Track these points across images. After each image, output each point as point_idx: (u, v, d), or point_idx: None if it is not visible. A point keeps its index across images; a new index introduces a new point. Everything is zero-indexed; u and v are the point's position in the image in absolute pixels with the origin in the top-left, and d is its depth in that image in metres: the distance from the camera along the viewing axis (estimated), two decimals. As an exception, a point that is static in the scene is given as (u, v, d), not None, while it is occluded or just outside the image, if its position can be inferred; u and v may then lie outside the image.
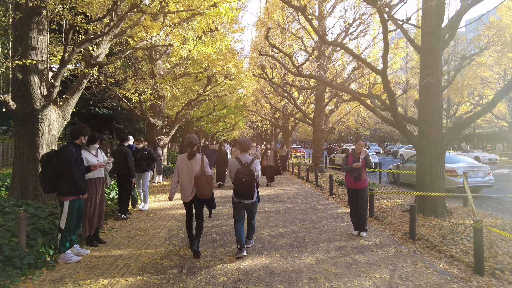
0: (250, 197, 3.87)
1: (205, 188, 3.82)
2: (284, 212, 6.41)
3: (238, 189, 3.82)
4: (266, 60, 11.56)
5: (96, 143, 4.25)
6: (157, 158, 10.44)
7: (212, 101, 20.32)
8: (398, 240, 4.66)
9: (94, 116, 23.06)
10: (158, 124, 13.70)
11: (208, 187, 3.85)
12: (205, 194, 3.83)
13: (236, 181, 3.81)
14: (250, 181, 3.78)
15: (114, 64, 11.45)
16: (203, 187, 3.80)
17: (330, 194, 8.48)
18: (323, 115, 14.28)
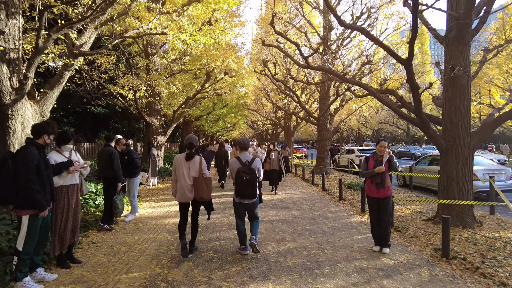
0: (252, 197, 3.78)
1: (204, 191, 3.72)
2: (291, 221, 5.68)
3: (240, 189, 3.72)
4: (268, 55, 10.83)
5: (69, 143, 3.53)
6: (151, 159, 9.75)
7: (212, 99, 19.64)
8: (429, 259, 3.93)
9: (90, 115, 22.37)
10: (154, 123, 12.99)
11: (207, 190, 3.75)
12: (204, 197, 3.74)
13: (238, 181, 3.72)
14: (252, 180, 3.70)
15: (108, 60, 10.79)
16: (202, 190, 3.71)
17: (339, 199, 7.75)
18: (328, 114, 13.55)
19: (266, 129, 32.30)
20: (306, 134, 64.63)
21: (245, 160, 3.85)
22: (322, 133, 13.53)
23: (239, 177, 3.72)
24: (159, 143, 13.23)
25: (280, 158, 7.77)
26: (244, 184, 3.69)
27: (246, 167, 3.77)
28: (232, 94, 16.07)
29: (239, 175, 3.72)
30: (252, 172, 3.74)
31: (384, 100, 5.97)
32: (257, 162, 3.93)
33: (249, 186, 3.70)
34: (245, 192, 3.73)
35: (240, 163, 3.84)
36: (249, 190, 3.73)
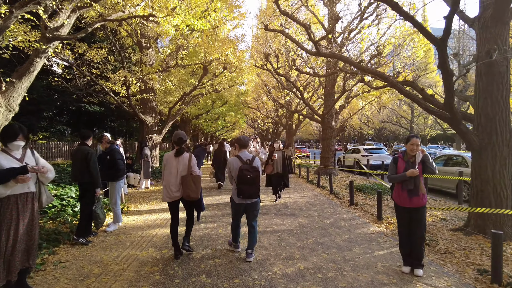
0: (255, 196, 3.65)
1: (191, 189, 3.58)
2: (299, 232, 4.90)
3: (243, 188, 3.54)
4: (270, 47, 10.04)
5: (17, 139, 2.74)
6: (144, 159, 8.97)
7: (210, 97, 18.87)
8: (475, 285, 3.15)
9: (85, 113, 21.60)
10: (149, 121, 12.23)
11: (195, 189, 3.61)
12: (191, 195, 3.59)
13: (241, 179, 3.53)
14: (256, 178, 3.58)
15: (99, 53, 10.00)
16: (189, 188, 3.58)
17: (350, 204, 6.97)
18: (333, 111, 12.77)
19: (266, 128, 31.52)
20: (307, 133, 63.79)
21: (246, 158, 3.69)
22: (326, 131, 12.75)
23: (242, 175, 3.53)
24: (154, 142, 12.47)
25: (285, 160, 6.60)
26: (248, 182, 3.53)
27: (248, 165, 3.61)
28: (232, 91, 15.29)
29: (242, 174, 3.53)
30: (255, 170, 3.60)
31: (405, 92, 5.19)
32: (257, 161, 3.79)
33: (253, 184, 3.57)
34: (248, 191, 3.56)
35: (241, 161, 3.66)
36: (253, 189, 3.58)
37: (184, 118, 20.74)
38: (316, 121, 13.38)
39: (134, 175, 9.40)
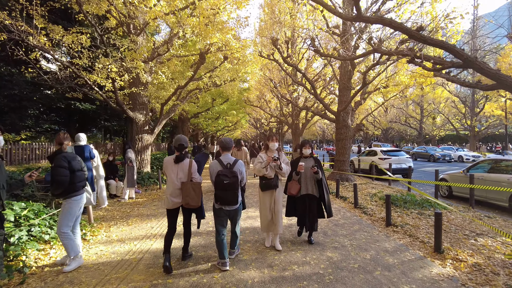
0: (234, 203, 3.43)
1: (191, 197, 3.42)
2: (333, 280, 3.31)
3: (219, 194, 3.38)
4: (280, 31, 8.47)
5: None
6: (127, 164, 7.44)
7: (210, 93, 17.36)
8: None
9: (76, 112, 20.12)
10: (139, 119, 10.69)
11: (195, 196, 3.44)
12: (191, 203, 3.43)
13: (217, 185, 3.38)
14: (233, 184, 3.36)
15: (78, 39, 8.46)
16: (189, 196, 3.42)
17: (387, 224, 5.39)
18: (349, 109, 11.19)
19: (270, 128, 29.97)
20: (310, 134, 62.19)
21: (227, 162, 3.53)
22: (342, 131, 11.17)
23: (218, 180, 3.38)
24: (145, 143, 10.93)
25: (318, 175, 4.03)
26: (224, 188, 3.37)
27: (227, 169, 3.45)
28: (233, 87, 13.73)
29: (218, 179, 3.38)
30: (234, 175, 3.40)
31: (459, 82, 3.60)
32: (240, 164, 3.57)
33: (229, 191, 3.37)
34: (224, 197, 3.40)
35: (221, 165, 3.51)
36: (229, 196, 3.40)
37: (182, 117, 19.23)
38: (329, 119, 11.80)
39: (117, 183, 7.85)
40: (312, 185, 4.12)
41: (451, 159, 24.64)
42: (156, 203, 7.18)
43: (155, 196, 8.15)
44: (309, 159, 4.20)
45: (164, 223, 5.39)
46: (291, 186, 4.09)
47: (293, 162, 4.25)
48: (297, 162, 4.13)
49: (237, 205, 3.50)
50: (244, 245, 4.32)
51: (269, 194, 3.98)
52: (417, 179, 13.03)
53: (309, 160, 4.19)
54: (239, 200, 3.48)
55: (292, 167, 4.20)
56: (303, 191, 4.08)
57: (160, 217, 5.82)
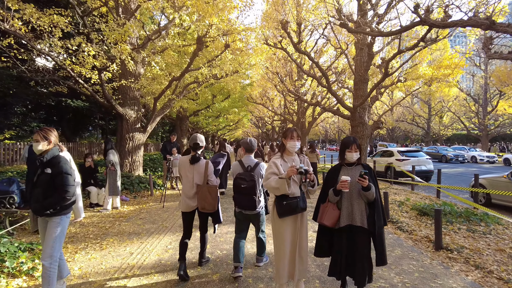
0: (251, 208, 3.12)
1: (207, 201, 3.25)
2: None
3: (236, 197, 3.19)
4: (290, 11, 7.23)
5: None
6: (109, 168, 6.22)
7: (210, 90, 16.15)
8: None
9: (68, 109, 18.92)
10: (129, 116, 9.48)
11: (211, 201, 3.26)
12: (207, 208, 3.27)
13: (235, 188, 3.17)
14: (250, 188, 3.08)
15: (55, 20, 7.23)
16: (205, 200, 3.25)
17: (437, 247, 4.15)
18: (366, 104, 9.96)
19: (273, 127, 28.73)
20: (312, 133, 60.76)
21: (248, 164, 3.24)
22: (358, 129, 9.93)
23: (236, 184, 3.13)
24: (137, 142, 9.72)
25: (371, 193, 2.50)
26: (240, 192, 3.11)
27: (247, 172, 3.15)
28: (235, 81, 12.51)
29: (236, 182, 3.13)
30: (252, 179, 3.09)
31: None
32: (261, 167, 3.22)
33: (245, 195, 3.08)
34: (242, 202, 3.14)
35: (242, 167, 3.23)
36: (246, 201, 3.10)
37: (180, 115, 18.00)
38: (343, 116, 10.55)
39: (99, 191, 6.63)
40: (360, 210, 2.54)
41: (464, 160, 23.35)
42: (143, 215, 5.96)
43: (144, 205, 6.93)
44: (355, 168, 2.66)
45: (147, 246, 4.18)
46: (326, 212, 2.59)
47: (330, 175, 2.74)
48: (335, 174, 2.65)
49: (257, 210, 3.19)
50: (256, 285, 3.10)
51: (291, 221, 2.65)
52: (434, 182, 11.79)
53: (355, 170, 2.62)
54: (258, 205, 3.17)
55: (328, 182, 2.70)
56: (344, 221, 2.55)
57: (144, 236, 4.60)
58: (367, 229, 2.52)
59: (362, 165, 2.66)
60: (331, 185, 2.64)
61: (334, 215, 2.57)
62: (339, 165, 2.73)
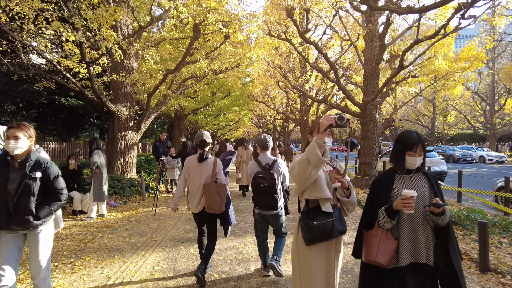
0: (272, 208, 3.00)
1: (214, 201, 3.01)
2: None
3: (257, 198, 3.05)
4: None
5: None
6: (94, 171, 5.49)
7: (210, 87, 15.42)
8: None
9: (63, 108, 18.21)
10: (121, 113, 8.75)
11: (218, 200, 3.02)
12: (214, 207, 3.03)
13: (254, 188, 3.05)
14: (271, 187, 2.96)
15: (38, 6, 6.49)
16: (212, 199, 3.01)
17: (482, 269, 3.41)
18: (377, 101, 9.23)
19: (274, 126, 28.00)
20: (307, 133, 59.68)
21: (265, 162, 3.15)
22: (368, 127, 9.19)
23: (255, 183, 3.02)
24: (130, 142, 8.99)
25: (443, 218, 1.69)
26: (260, 192, 2.98)
27: (265, 171, 3.05)
28: (236, 76, 11.77)
29: (255, 181, 3.02)
30: (271, 177, 2.97)
31: None
32: (280, 165, 3.13)
33: (267, 194, 2.95)
34: (262, 202, 3.01)
35: (259, 166, 3.14)
36: (267, 200, 2.97)
37: (179, 113, 17.27)
38: (352, 113, 9.81)
39: (83, 196, 5.89)
40: (427, 240, 1.74)
41: (472, 160, 22.60)
42: (131, 224, 5.22)
43: (134, 211, 6.20)
44: (415, 177, 1.85)
45: (130, 267, 3.45)
46: (375, 243, 1.77)
47: (378, 186, 1.90)
48: (387, 186, 1.83)
49: (278, 210, 3.06)
50: None
51: (324, 251, 1.87)
52: (447, 184, 11.04)
53: (415, 180, 1.83)
54: (279, 205, 3.04)
55: (375, 197, 1.88)
56: (406, 257, 1.72)
57: (128, 253, 3.86)
58: (434, 268, 1.72)
59: (425, 175, 1.90)
60: (381, 202, 1.83)
61: (389, 249, 1.74)
62: (391, 173, 1.93)
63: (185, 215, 5.83)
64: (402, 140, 1.86)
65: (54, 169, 2.34)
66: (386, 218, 1.76)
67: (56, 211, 2.36)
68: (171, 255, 3.79)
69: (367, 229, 1.89)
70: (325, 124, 1.67)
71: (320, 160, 1.63)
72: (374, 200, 1.90)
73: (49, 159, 2.44)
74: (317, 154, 1.62)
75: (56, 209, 2.35)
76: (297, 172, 1.73)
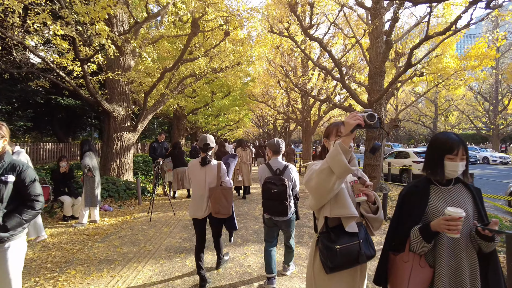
0: (283, 214, 2.88)
1: (222, 205, 2.98)
2: None
3: (267, 204, 2.94)
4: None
5: None
6: (85, 174, 5.15)
7: (210, 86, 15.09)
8: None
9: (60, 108, 17.89)
10: (117, 113, 8.44)
11: (226, 204, 2.99)
12: (221, 212, 2.98)
13: (264, 194, 2.94)
14: (281, 193, 2.84)
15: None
16: (219, 203, 2.97)
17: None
18: (383, 100, 8.90)
19: (274, 126, 27.66)
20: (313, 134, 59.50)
21: (276, 167, 3.04)
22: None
23: (265, 189, 2.91)
24: (126, 143, 8.66)
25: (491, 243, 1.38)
26: (271, 198, 2.87)
27: (276, 176, 2.95)
28: (236, 74, 11.44)
29: (266, 187, 2.91)
30: (282, 183, 2.85)
31: None
32: (291, 170, 3.05)
33: (277, 200, 2.85)
34: (272, 208, 2.89)
35: (270, 171, 3.04)
36: (277, 206, 2.86)
37: (178, 113, 16.95)
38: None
39: (74, 201, 5.55)
40: (472, 268, 1.41)
41: (476, 161, 22.27)
42: (125, 231, 4.89)
43: (129, 216, 5.86)
44: (455, 189, 1.52)
45: (119, 284, 3.11)
46: (407, 272, 1.44)
47: (409, 199, 1.56)
48: (421, 200, 1.50)
49: (288, 216, 2.97)
50: None
51: (346, 279, 1.53)
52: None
53: (456, 193, 1.50)
54: (289, 211, 2.93)
55: (406, 213, 1.54)
56: None
57: (118, 266, 3.53)
58: None
59: (466, 185, 1.56)
60: (413, 219, 1.49)
61: (423, 278, 1.41)
62: (425, 183, 1.59)
63: (182, 221, 5.50)
64: (439, 141, 1.52)
65: (30, 173, 2.07)
66: (420, 240, 1.43)
67: (28, 221, 2.03)
68: (165, 268, 3.45)
69: (395, 253, 1.56)
70: (352, 124, 1.33)
71: (347, 169, 1.29)
72: (404, 217, 1.56)
73: (26, 163, 2.14)
74: (342, 162, 1.29)
75: (29, 219, 2.01)
76: (315, 185, 1.39)
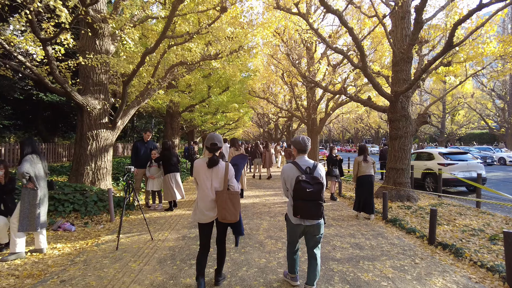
0: (317, 216, 2.68)
1: (229, 210, 2.75)
2: None
3: (300, 206, 2.65)
4: None
5: None
6: (24, 184, 3.67)
7: (206, 80, 13.63)
8: None
9: (43, 105, 16.43)
10: (92, 107, 6.99)
11: (232, 209, 2.76)
12: (228, 218, 2.77)
13: (298, 194, 2.65)
14: (317, 192, 2.63)
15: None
16: (226, 208, 2.75)
17: None
18: (410, 92, 7.47)
19: (276, 125, 26.20)
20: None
21: (306, 166, 2.79)
22: (399, 124, 7.42)
23: (299, 188, 2.63)
24: (103, 143, 7.21)
25: None
26: (306, 198, 2.62)
27: (308, 175, 2.71)
28: (235, 66, 9.97)
29: (299, 186, 2.63)
30: (317, 181, 2.66)
31: None
32: (321, 169, 2.82)
33: (313, 201, 2.63)
34: (307, 210, 2.64)
35: (299, 169, 2.75)
36: (313, 208, 2.64)
37: (171, 111, 15.49)
38: (377, 108, 8.03)
39: (3, 219, 4.08)
40: None
41: (492, 162, 20.84)
42: (74, 270, 3.42)
43: (92, 241, 4.40)
44: None
45: None
46: None
47: None
48: None
49: (320, 219, 2.72)
50: None
51: None
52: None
53: None
54: (322, 213, 2.69)
55: None
56: None
57: None
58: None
59: None
60: None
61: None
62: None
63: (159, 251, 4.02)
64: None
65: None
66: None
67: None
68: None
69: None
70: None
71: None
72: None
73: None
74: None
75: None
76: None
